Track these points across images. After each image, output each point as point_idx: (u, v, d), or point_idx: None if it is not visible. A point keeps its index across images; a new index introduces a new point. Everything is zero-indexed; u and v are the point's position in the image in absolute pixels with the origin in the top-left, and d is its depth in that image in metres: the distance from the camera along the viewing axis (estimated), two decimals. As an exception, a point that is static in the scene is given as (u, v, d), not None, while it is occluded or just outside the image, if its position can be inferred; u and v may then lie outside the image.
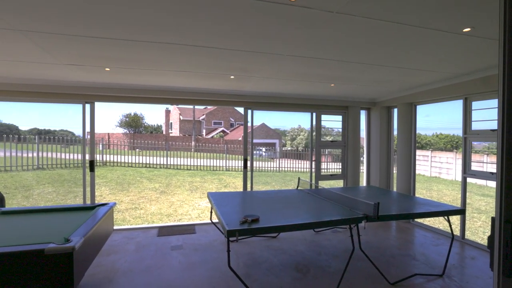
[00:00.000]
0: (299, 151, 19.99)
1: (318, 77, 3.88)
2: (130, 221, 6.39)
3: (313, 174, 5.45)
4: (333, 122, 5.73)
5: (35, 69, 3.53)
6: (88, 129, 4.59)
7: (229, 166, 14.64)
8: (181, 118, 32.15)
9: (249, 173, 5.17)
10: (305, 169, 15.32)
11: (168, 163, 14.31)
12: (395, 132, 5.43)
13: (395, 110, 5.41)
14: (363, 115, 5.80)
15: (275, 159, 17.10)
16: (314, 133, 5.47)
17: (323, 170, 5.48)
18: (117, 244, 4.13)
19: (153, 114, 57.11)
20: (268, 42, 2.57)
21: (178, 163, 14.32)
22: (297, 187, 4.56)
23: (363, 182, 6.00)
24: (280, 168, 15.35)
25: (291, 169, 15.41)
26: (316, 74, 3.72)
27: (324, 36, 2.41)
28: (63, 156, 12.22)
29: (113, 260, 3.60)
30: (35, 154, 11.34)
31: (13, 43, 2.64)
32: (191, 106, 31.38)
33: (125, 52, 2.89)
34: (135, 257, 3.70)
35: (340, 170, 5.64)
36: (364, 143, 5.94)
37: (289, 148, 23.88)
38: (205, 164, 14.38)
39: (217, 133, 30.92)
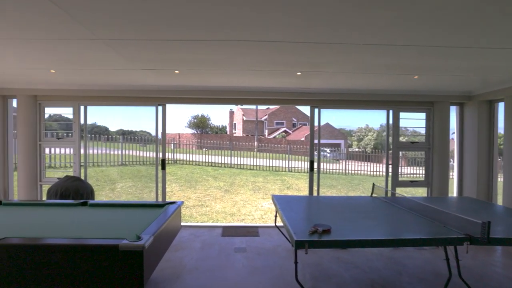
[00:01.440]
0: (367, 152, 18.56)
1: (399, 68, 3.36)
2: (197, 218, 6.65)
3: (389, 180, 4.83)
4: (413, 121, 5.00)
5: (117, 75, 3.84)
6: (160, 129, 4.86)
7: (291, 167, 14.37)
8: (244, 118, 33.07)
9: (315, 176, 4.84)
10: (374, 173, 14.12)
11: (232, 162, 14.73)
12: (499, 131, 4.46)
13: (500, 105, 4.42)
14: (452, 112, 4.92)
15: (340, 161, 16.18)
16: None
17: (401, 176, 4.81)
18: (185, 240, 4.25)
19: (218, 115, 60.32)
20: (342, 31, 2.25)
21: (242, 163, 14.63)
22: (371, 193, 4.06)
23: (453, 191, 5.09)
24: (346, 171, 14.44)
25: (358, 172, 14.36)
26: (397, 65, 3.21)
27: (410, 17, 1.98)
28: (141, 154, 13.58)
29: (181, 256, 3.69)
30: (119, 152, 12.86)
31: (98, 52, 2.85)
32: (254, 107, 32.05)
33: (193, 53, 2.89)
34: (200, 255, 3.74)
35: (423, 176, 4.88)
36: (454, 145, 5.04)
37: (355, 149, 22.42)
38: (267, 164, 14.38)
39: (279, 133, 30.91)
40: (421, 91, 4.65)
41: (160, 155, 4.92)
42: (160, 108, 4.82)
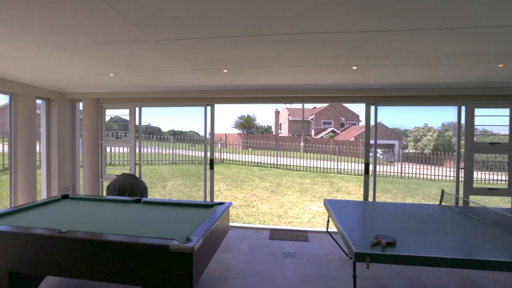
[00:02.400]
0: (426, 154, 16.91)
1: (480, 56, 2.86)
2: (244, 218, 6.61)
3: (461, 186, 4.21)
4: (491, 118, 4.30)
5: (168, 77, 3.93)
6: (208, 129, 4.90)
7: (340, 168, 13.70)
8: (290, 118, 32.67)
9: (370, 179, 4.44)
10: (436, 177, 12.76)
11: (278, 162, 14.57)
12: None
13: None
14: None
15: (394, 163, 14.98)
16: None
17: (476, 182, 4.15)
18: (232, 241, 4.20)
19: (263, 115, 60.51)
20: (411, 14, 1.94)
21: (288, 163, 14.39)
22: (440, 201, 3.56)
23: (545, 202, 4.26)
24: (402, 174, 13.30)
25: (416, 175, 13.12)
26: (478, 52, 2.73)
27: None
28: (191, 153, 14.15)
29: (228, 258, 3.64)
30: (170, 151, 13.56)
31: (150, 53, 2.91)
32: (300, 106, 31.47)
33: (240, 50, 2.79)
34: (247, 258, 3.64)
35: (507, 183, 4.14)
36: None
37: (411, 151, 20.60)
38: (314, 165, 13.93)
39: (326, 133, 29.90)
40: (505, 83, 3.95)
41: (209, 154, 4.96)
42: (208, 108, 4.86)
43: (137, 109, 5.02)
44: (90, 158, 5.00)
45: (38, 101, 4.79)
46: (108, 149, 5.28)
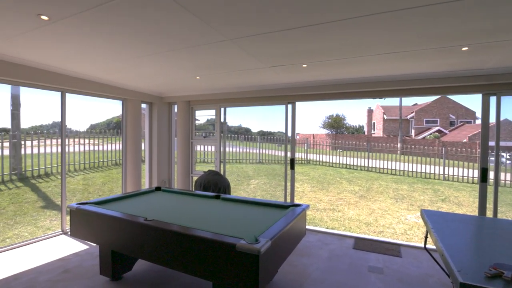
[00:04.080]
0: None
1: None
2: (327, 223, 6.23)
3: None
4: None
5: (248, 76, 3.98)
6: (290, 128, 4.78)
7: (448, 174, 11.57)
8: (385, 117, 29.62)
9: (489, 189, 3.50)
10: None
11: (370, 165, 13.33)
12: None
13: None
14: None
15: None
16: None
17: None
18: (311, 246, 3.97)
19: (354, 114, 56.69)
20: None
21: (381, 166, 13.00)
22: None
23: None
24: (541, 184, 10.26)
25: None
26: None
27: None
28: (277, 153, 14.34)
29: (306, 263, 3.43)
30: (257, 151, 14.06)
31: (228, 53, 2.98)
32: (397, 104, 28.16)
33: (320, 40, 2.56)
34: (327, 266, 3.35)
35: None
36: None
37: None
38: (414, 170, 12.17)
39: (430, 134, 25.89)
40: None
41: (289, 154, 4.84)
42: (289, 106, 4.74)
43: (222, 109, 5.31)
44: (182, 155, 5.55)
45: (143, 105, 5.60)
46: (198, 147, 5.76)
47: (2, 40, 2.75)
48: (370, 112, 33.82)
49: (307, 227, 4.84)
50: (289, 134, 4.80)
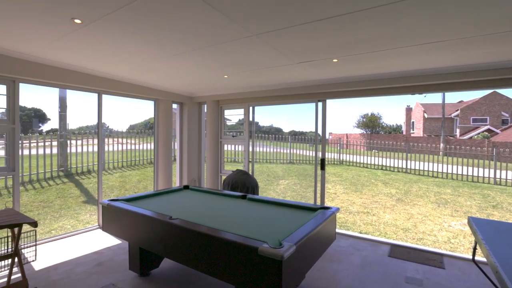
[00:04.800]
0: None
1: None
2: (361, 227, 5.91)
3: None
4: None
5: (276, 73, 3.87)
6: (320, 127, 4.58)
7: (500, 178, 10.47)
8: (426, 116, 27.75)
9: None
10: None
11: (408, 166, 12.52)
12: None
13: None
14: None
15: None
16: None
17: None
18: (342, 251, 3.75)
19: (391, 113, 53.82)
20: None
21: (421, 168, 12.15)
22: None
23: None
24: None
25: None
26: None
27: None
28: (309, 154, 14.03)
29: (336, 269, 3.24)
30: (288, 151, 13.86)
31: (254, 49, 2.90)
32: (439, 101, 26.22)
33: (352, 32, 2.38)
34: (359, 274, 3.13)
35: None
36: None
37: None
38: (459, 172, 11.19)
39: (479, 133, 23.75)
40: None
41: (320, 154, 4.64)
42: (320, 104, 4.55)
43: (250, 108, 5.25)
44: (211, 154, 5.58)
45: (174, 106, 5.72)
46: (227, 147, 5.76)
47: (43, 44, 2.92)
48: (408, 110, 31.89)
49: (338, 230, 4.61)
50: (320, 133, 4.61)
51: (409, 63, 3.24)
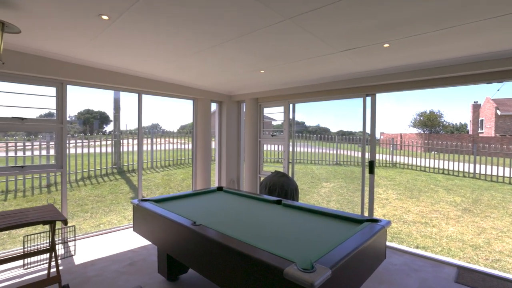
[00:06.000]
0: None
1: None
2: (417, 240, 5.15)
3: None
4: None
5: (317, 65, 3.48)
6: (368, 125, 4.04)
7: None
8: (499, 112, 24.18)
9: None
10: None
11: (477, 171, 10.88)
12: None
13: None
14: None
15: None
16: None
17: None
18: (395, 270, 3.20)
19: (454, 110, 48.06)
20: None
21: (493, 173, 10.46)
22: None
23: None
24: None
25: None
26: None
27: None
28: (357, 155, 13.08)
29: (387, 293, 2.74)
30: (334, 151, 13.09)
31: (290, 37, 2.56)
32: (518, 96, 22.54)
33: (407, 5, 1.91)
34: (416, 302, 2.60)
35: None
36: None
37: None
38: (545, 180, 9.35)
39: None
40: None
41: (368, 156, 4.10)
42: (368, 99, 4.01)
43: (290, 105, 4.89)
44: (250, 154, 5.35)
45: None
46: (266, 147, 5.48)
47: (79, 46, 2.96)
48: (476, 107, 28.15)
49: (389, 243, 4.01)
50: (368, 131, 4.06)
51: (488, 42, 2.60)
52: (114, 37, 2.69)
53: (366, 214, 4.09)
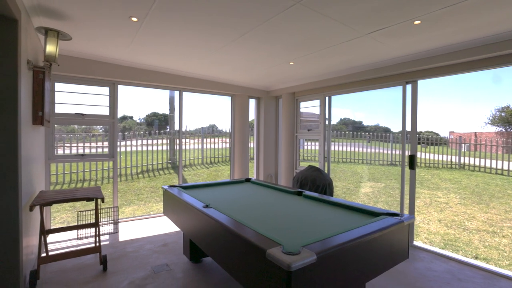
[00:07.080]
0: None
1: None
2: (478, 250, 4.48)
3: None
4: None
5: (347, 53, 3.31)
6: (409, 115, 3.68)
7: None
8: None
9: None
10: None
11: None
12: None
13: None
14: None
15: None
16: None
17: None
18: (433, 277, 2.85)
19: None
20: None
21: None
22: None
23: None
24: None
25: None
26: None
27: None
28: (421, 155, 11.89)
29: (417, 298, 2.46)
30: (388, 151, 12.10)
31: (311, 24, 2.50)
32: None
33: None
34: (451, 312, 2.28)
35: None
36: None
37: None
38: None
39: None
40: None
41: (407, 152, 3.73)
42: (408, 87, 3.65)
43: (326, 98, 4.72)
44: (287, 149, 5.31)
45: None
46: (301, 141, 5.37)
47: (122, 49, 3.34)
48: None
49: (436, 249, 3.58)
50: (409, 124, 3.69)
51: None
52: (147, 37, 2.97)
53: (406, 213, 3.72)
